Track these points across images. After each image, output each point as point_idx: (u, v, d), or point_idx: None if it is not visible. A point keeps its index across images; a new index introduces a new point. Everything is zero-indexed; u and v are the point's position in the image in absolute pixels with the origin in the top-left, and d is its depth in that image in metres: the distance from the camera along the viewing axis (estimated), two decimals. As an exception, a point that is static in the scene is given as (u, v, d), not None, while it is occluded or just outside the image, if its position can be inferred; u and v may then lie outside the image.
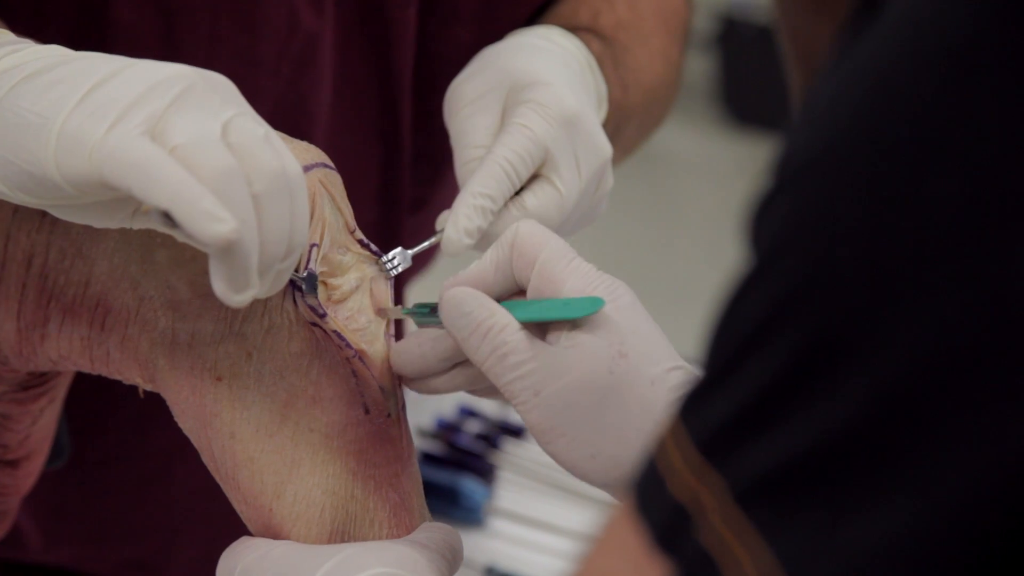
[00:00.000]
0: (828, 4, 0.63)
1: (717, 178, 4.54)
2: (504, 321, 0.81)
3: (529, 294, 0.84)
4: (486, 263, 0.85)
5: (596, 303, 0.80)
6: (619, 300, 0.82)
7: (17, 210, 0.87)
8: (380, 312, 0.87)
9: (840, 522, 0.49)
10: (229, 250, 0.74)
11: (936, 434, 0.48)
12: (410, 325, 0.89)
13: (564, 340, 0.81)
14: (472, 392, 0.88)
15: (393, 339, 0.88)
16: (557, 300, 0.82)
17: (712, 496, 0.51)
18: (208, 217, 0.73)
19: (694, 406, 0.53)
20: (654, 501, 0.53)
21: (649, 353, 0.81)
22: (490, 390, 0.87)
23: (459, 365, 0.86)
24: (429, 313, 0.85)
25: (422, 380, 0.87)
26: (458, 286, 0.84)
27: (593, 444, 0.81)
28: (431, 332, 0.85)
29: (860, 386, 0.49)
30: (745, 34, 4.55)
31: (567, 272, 0.83)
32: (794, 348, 0.50)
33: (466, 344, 0.82)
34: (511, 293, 0.85)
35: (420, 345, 0.85)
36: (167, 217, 0.74)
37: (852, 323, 0.49)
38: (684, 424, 0.53)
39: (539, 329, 0.82)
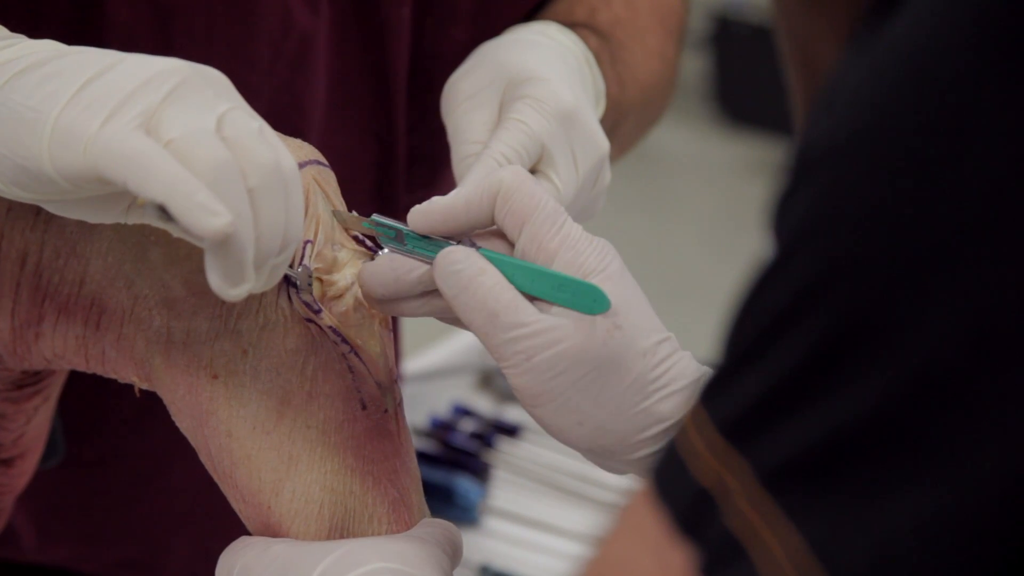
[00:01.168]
0: (827, 4, 0.63)
1: (711, 177, 4.54)
2: (497, 280, 0.80)
3: (517, 254, 0.82)
4: (459, 200, 0.83)
5: (602, 304, 0.79)
6: (609, 267, 0.81)
7: (11, 208, 0.87)
8: (341, 217, 0.86)
9: (869, 504, 0.49)
10: (224, 243, 0.74)
11: (966, 416, 0.48)
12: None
13: (557, 308, 0.80)
14: (441, 320, 0.86)
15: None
16: (557, 278, 0.80)
17: (737, 480, 0.51)
18: (203, 210, 0.73)
19: (716, 391, 0.53)
20: (675, 486, 0.53)
21: (640, 325, 0.81)
22: (458, 320, 0.84)
23: (430, 293, 0.84)
24: (395, 237, 0.84)
25: (391, 302, 0.85)
26: (429, 215, 0.82)
27: (581, 411, 0.80)
28: (405, 260, 0.83)
29: (890, 368, 0.49)
30: (739, 33, 4.56)
31: (558, 240, 0.81)
32: (823, 330, 0.50)
33: (456, 300, 0.80)
34: (479, 229, 0.83)
35: (394, 270, 0.83)
36: (162, 211, 0.74)
37: (882, 305, 0.49)
38: (706, 409, 0.53)
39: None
